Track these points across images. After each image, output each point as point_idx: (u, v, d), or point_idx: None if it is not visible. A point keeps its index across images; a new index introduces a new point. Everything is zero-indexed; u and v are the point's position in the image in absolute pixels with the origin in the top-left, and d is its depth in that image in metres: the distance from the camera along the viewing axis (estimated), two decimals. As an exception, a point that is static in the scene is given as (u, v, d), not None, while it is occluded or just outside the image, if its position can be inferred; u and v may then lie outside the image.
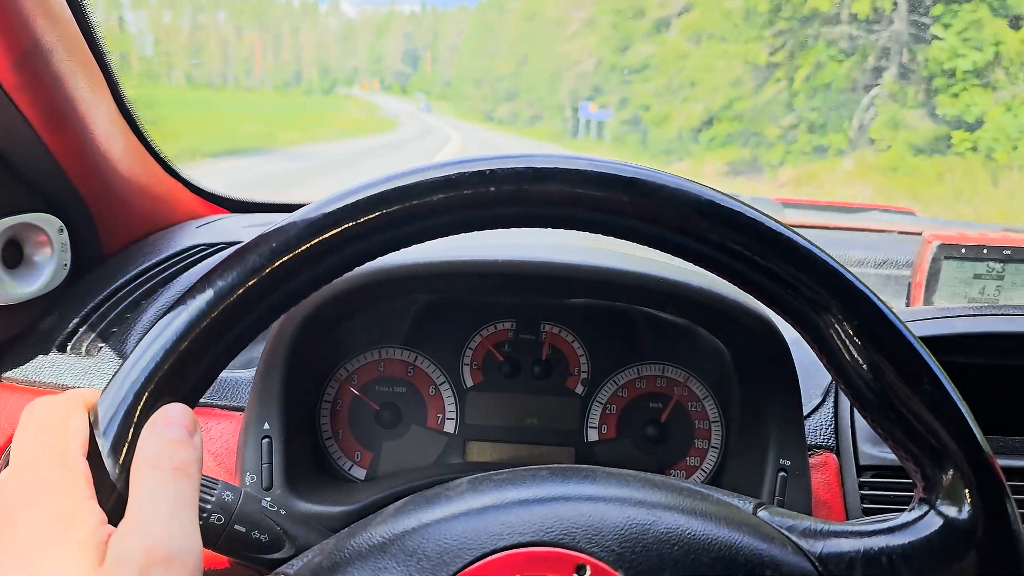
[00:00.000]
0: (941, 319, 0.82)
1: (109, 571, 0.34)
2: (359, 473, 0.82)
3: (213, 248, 0.98)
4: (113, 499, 0.38)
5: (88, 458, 0.38)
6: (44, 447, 0.37)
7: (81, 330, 0.86)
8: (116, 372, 0.41)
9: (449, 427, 0.84)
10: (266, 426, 0.73)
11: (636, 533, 0.43)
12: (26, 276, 0.85)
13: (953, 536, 0.44)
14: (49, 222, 0.85)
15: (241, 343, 0.43)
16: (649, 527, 0.44)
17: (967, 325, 0.80)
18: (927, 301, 0.96)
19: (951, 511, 0.45)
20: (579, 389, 0.84)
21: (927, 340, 0.45)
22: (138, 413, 0.39)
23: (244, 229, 1.07)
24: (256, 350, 0.83)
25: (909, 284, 1.00)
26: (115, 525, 0.36)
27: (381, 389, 0.84)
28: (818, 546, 0.45)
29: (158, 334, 0.41)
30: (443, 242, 0.51)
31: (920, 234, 1.01)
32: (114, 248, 0.97)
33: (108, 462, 0.39)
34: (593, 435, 0.83)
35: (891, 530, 0.46)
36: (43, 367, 0.83)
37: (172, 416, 0.40)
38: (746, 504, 0.48)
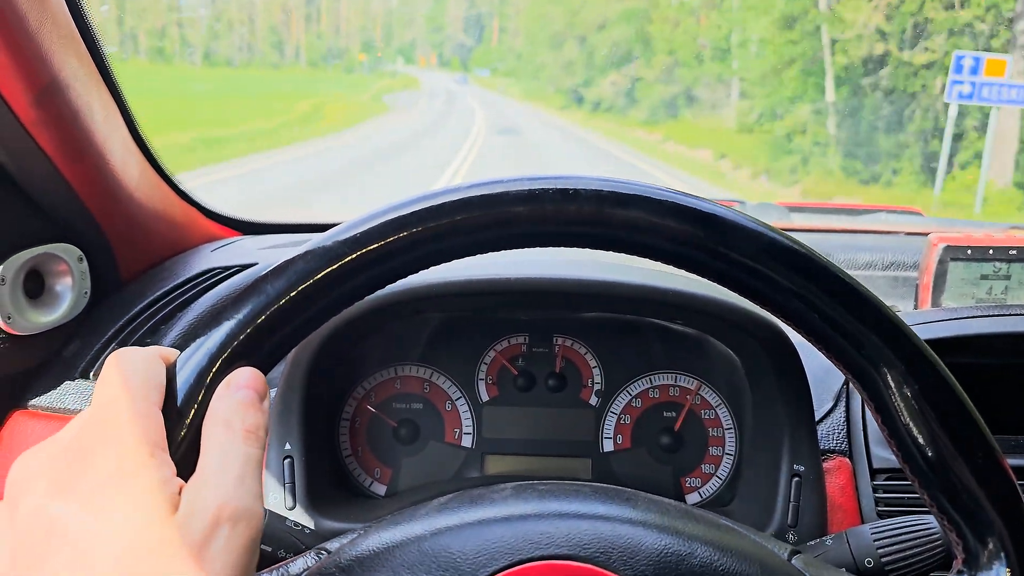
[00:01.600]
0: (949, 320, 0.82)
1: (181, 522, 0.35)
2: (379, 489, 0.84)
3: (228, 271, 1.00)
4: (183, 452, 0.40)
5: (163, 411, 0.39)
6: (124, 395, 0.38)
7: (103, 356, 0.88)
8: (196, 336, 0.42)
9: (467, 441, 0.85)
10: (287, 446, 0.74)
11: (671, 562, 0.44)
12: (48, 305, 0.87)
13: None
14: (69, 251, 0.87)
15: (313, 324, 0.45)
16: (684, 558, 0.44)
17: (975, 326, 0.81)
18: (935, 303, 0.97)
19: None
20: (593, 400, 0.85)
21: (936, 342, 0.45)
22: (212, 374, 0.41)
23: (259, 251, 1.08)
24: (275, 372, 0.85)
25: (916, 286, 1.00)
26: (183, 479, 0.37)
27: (398, 406, 0.85)
28: None
29: (238, 305, 0.42)
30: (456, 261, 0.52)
31: (927, 234, 1.02)
32: (132, 274, 0.99)
33: (182, 416, 0.40)
34: (608, 445, 0.84)
35: None
36: (68, 393, 0.85)
37: (245, 379, 0.41)
38: (782, 551, 0.49)
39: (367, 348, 0.85)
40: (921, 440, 0.44)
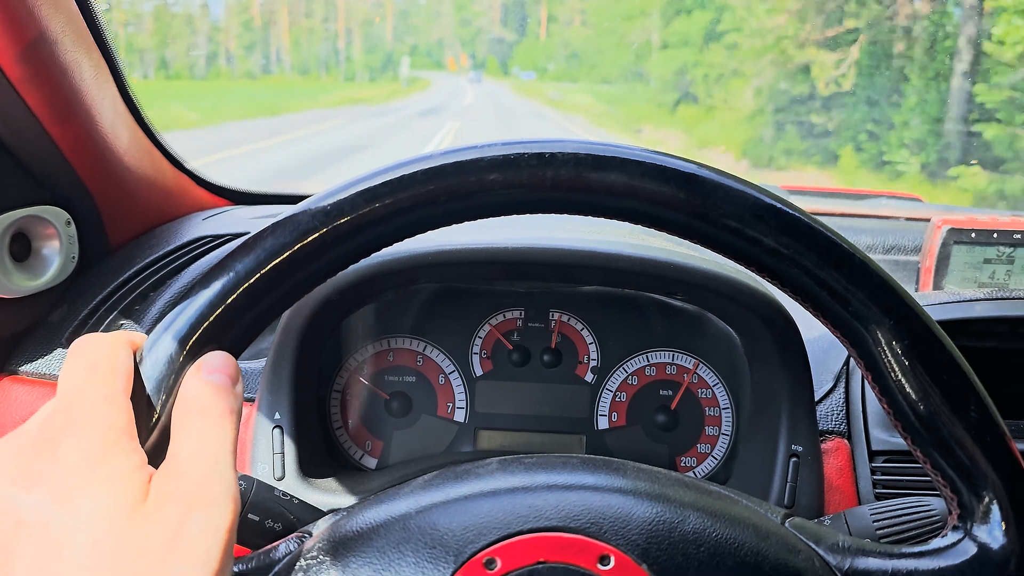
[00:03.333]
0: (951, 303, 0.81)
1: (152, 511, 0.34)
2: (370, 462, 0.82)
3: (220, 239, 0.98)
4: (153, 440, 0.39)
5: (132, 398, 0.38)
6: (90, 382, 0.37)
7: (90, 322, 0.86)
8: (163, 318, 0.41)
9: (459, 416, 0.84)
10: (277, 416, 0.73)
11: (663, 530, 0.43)
12: (35, 269, 0.85)
13: (985, 565, 0.44)
14: (56, 215, 0.85)
15: (286, 303, 0.43)
16: (676, 525, 0.44)
17: (977, 309, 0.80)
18: (937, 286, 0.96)
19: (986, 540, 0.44)
20: (589, 377, 0.84)
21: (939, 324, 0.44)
22: (182, 358, 0.40)
23: (250, 220, 1.07)
24: (266, 341, 0.83)
25: (918, 269, 0.99)
26: (154, 466, 0.36)
27: (391, 379, 0.84)
28: (845, 562, 0.45)
29: (206, 285, 0.41)
30: (446, 229, 0.51)
31: (927, 220, 1.00)
32: (121, 240, 0.97)
33: (151, 403, 0.39)
34: (603, 423, 0.83)
35: (921, 554, 0.45)
36: (54, 360, 0.83)
37: (217, 363, 0.40)
38: (775, 514, 0.48)
39: (359, 319, 0.83)
40: (913, 396, 0.43)
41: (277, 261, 0.41)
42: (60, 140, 0.82)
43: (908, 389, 0.43)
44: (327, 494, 0.71)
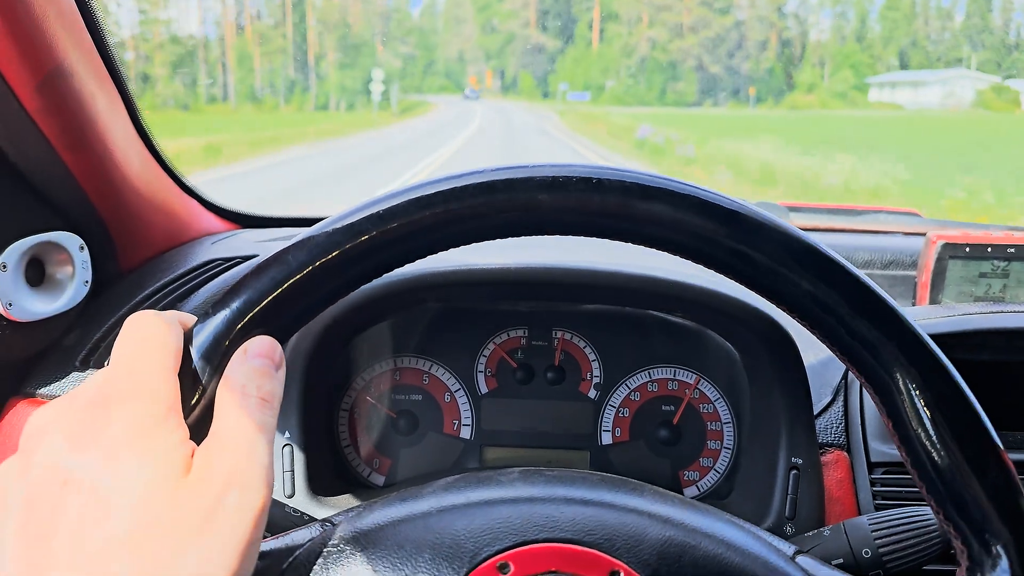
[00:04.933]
0: (947, 317, 0.83)
1: (192, 484, 0.35)
2: (378, 480, 0.84)
3: (229, 263, 1.00)
4: (196, 417, 0.40)
5: (179, 375, 0.39)
6: (142, 357, 0.38)
7: (103, 345, 0.88)
8: (215, 303, 0.42)
9: (465, 433, 0.85)
10: (287, 434, 0.74)
11: (674, 552, 0.44)
12: (49, 293, 0.87)
13: None
14: (70, 240, 0.87)
15: (333, 297, 0.45)
16: (688, 549, 0.44)
17: (973, 322, 0.81)
18: (933, 300, 0.97)
19: None
20: (592, 393, 0.85)
21: (933, 337, 0.45)
22: (230, 340, 0.41)
23: (258, 244, 1.08)
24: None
25: (915, 284, 1.01)
26: (196, 442, 0.38)
27: (398, 397, 0.85)
28: None
29: (258, 276, 0.42)
30: (452, 251, 0.52)
31: (924, 234, 1.02)
32: (132, 265, 0.99)
33: (198, 380, 0.40)
34: (607, 438, 0.85)
35: None
36: (67, 382, 0.85)
37: (262, 348, 0.41)
38: (786, 548, 0.49)
39: (367, 339, 0.85)
40: (932, 449, 0.43)
41: (329, 257, 0.43)
42: (74, 168, 0.84)
43: (927, 442, 0.43)
44: (336, 512, 0.72)
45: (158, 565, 0.33)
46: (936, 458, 0.43)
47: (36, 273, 0.86)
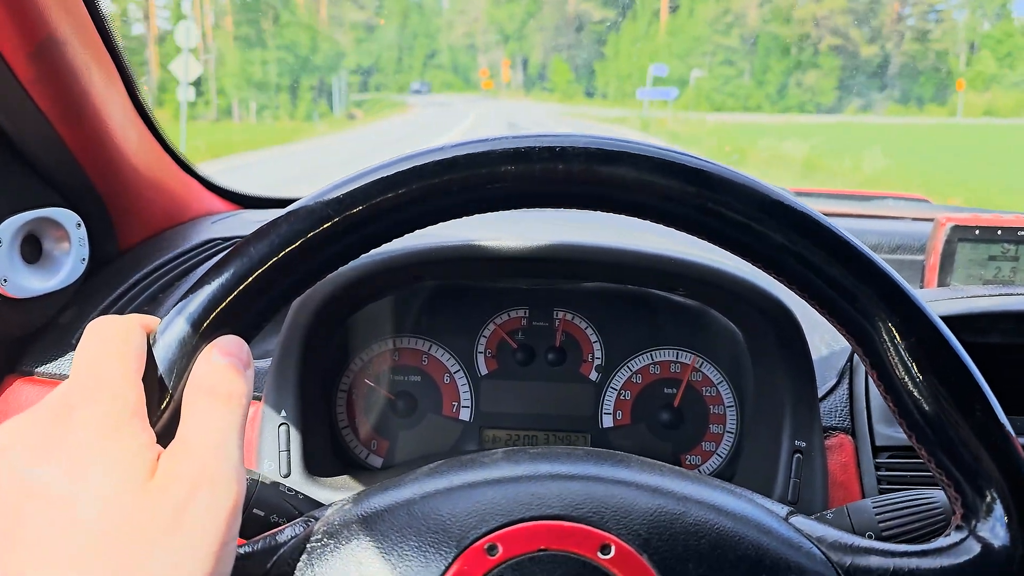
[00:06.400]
0: (955, 299, 0.81)
1: (158, 488, 0.35)
2: (376, 461, 0.83)
3: (228, 242, 0.99)
4: (164, 421, 0.39)
5: (144, 379, 0.39)
6: (104, 362, 0.38)
7: None
8: (177, 302, 0.41)
9: (464, 415, 0.84)
10: (283, 413, 0.73)
11: (665, 521, 0.43)
12: (46, 270, 0.86)
13: (989, 564, 0.44)
14: (67, 217, 0.86)
15: (299, 290, 0.44)
16: (678, 517, 0.44)
17: (981, 304, 0.80)
18: (941, 283, 0.96)
19: (990, 539, 0.44)
20: (593, 376, 0.84)
21: (942, 319, 0.44)
22: (195, 341, 0.40)
23: (258, 224, 1.07)
24: (271, 340, 0.84)
25: (923, 267, 0.99)
26: (163, 446, 0.37)
27: (396, 378, 0.84)
28: (847, 559, 0.45)
29: (220, 271, 0.42)
30: (450, 226, 0.51)
31: (932, 220, 1.00)
32: (130, 243, 0.98)
33: (163, 384, 0.40)
34: (608, 421, 0.84)
35: (924, 553, 0.45)
36: (64, 361, 0.84)
37: (228, 347, 0.40)
38: (779, 509, 0.48)
39: (365, 318, 0.84)
40: (918, 394, 0.43)
41: (291, 248, 0.42)
42: (70, 142, 0.83)
43: (913, 387, 0.43)
44: (333, 492, 0.71)
45: (127, 570, 0.33)
46: (923, 403, 0.43)
47: (32, 250, 0.85)
